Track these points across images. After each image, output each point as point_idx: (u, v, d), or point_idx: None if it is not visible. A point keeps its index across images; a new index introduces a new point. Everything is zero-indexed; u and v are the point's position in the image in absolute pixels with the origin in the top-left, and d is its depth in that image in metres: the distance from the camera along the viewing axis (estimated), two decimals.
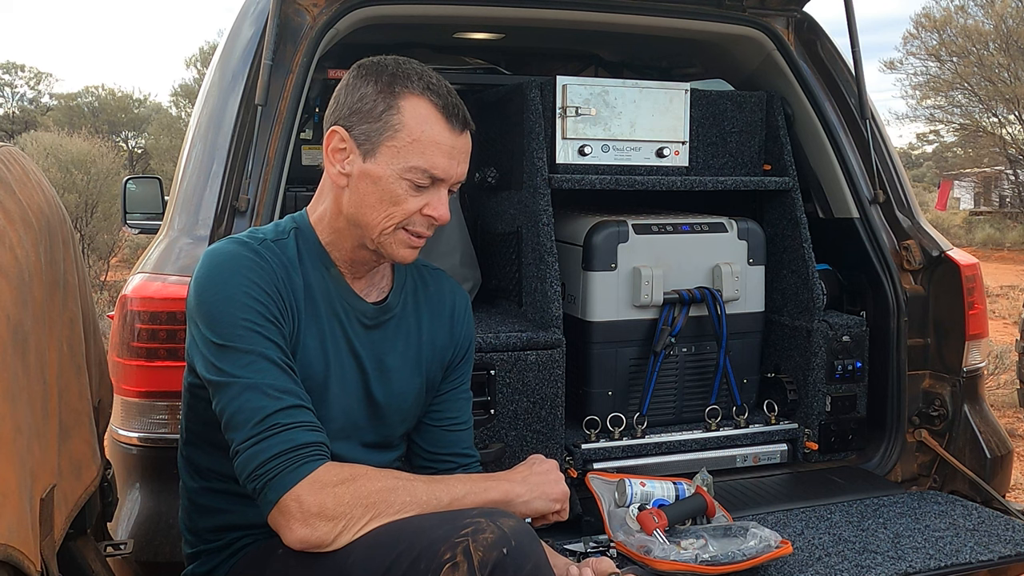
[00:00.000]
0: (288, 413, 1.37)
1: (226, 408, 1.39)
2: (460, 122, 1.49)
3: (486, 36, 3.21)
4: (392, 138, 1.46)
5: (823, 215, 2.86)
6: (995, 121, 20.96)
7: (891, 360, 2.65)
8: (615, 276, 2.57)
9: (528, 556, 1.27)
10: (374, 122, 1.47)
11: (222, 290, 1.42)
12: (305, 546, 1.34)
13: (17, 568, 1.02)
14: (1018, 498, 4.02)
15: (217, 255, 1.47)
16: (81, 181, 10.95)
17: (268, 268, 1.46)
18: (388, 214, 1.48)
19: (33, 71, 32.25)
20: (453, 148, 1.48)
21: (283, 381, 1.40)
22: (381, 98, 1.47)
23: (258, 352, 1.39)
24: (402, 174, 1.46)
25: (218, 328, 1.41)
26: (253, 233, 1.54)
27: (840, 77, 2.76)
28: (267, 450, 1.35)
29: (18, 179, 1.25)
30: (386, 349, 1.60)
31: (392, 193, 1.47)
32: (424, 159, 1.46)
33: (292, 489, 1.33)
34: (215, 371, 1.40)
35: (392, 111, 1.47)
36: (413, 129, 1.46)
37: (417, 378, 1.64)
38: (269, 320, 1.42)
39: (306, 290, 1.52)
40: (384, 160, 1.47)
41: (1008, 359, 6.37)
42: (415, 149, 1.46)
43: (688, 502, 2.14)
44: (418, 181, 1.47)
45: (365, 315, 1.57)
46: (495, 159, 2.84)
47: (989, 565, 2.04)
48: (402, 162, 1.46)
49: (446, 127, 1.47)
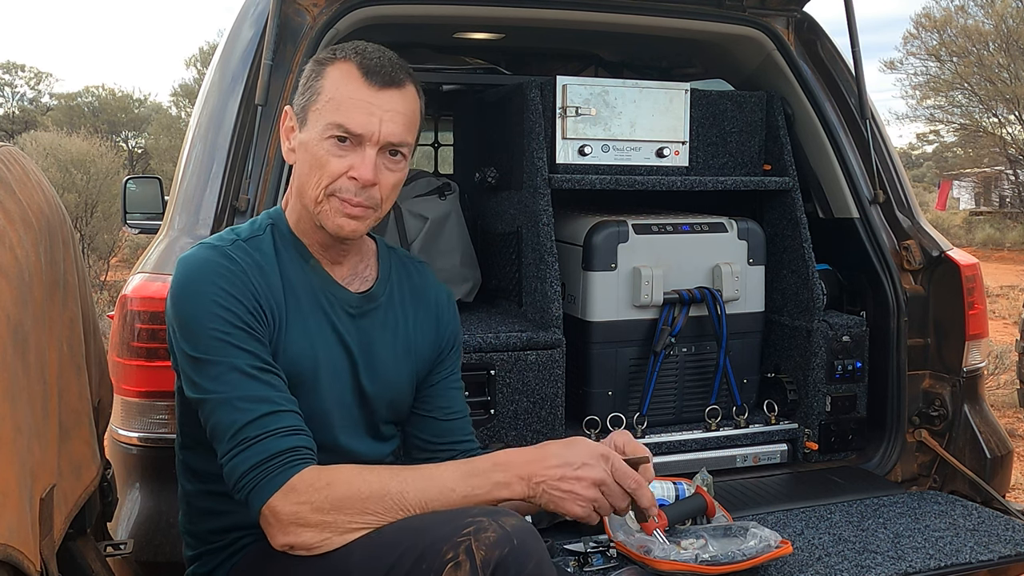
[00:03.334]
0: (259, 423, 1.37)
1: (207, 423, 1.41)
2: (381, 78, 1.48)
3: (486, 36, 3.21)
4: (315, 102, 1.49)
5: (823, 215, 2.86)
6: (995, 121, 20.97)
7: (891, 360, 2.65)
8: (615, 276, 2.57)
9: (530, 555, 1.27)
10: (305, 92, 1.51)
11: (192, 299, 1.43)
12: (292, 551, 1.36)
13: (17, 568, 1.03)
14: (1018, 498, 4.02)
15: (188, 263, 1.47)
16: (81, 181, 10.95)
17: (239, 271, 1.46)
18: (317, 180, 1.48)
19: (33, 71, 32.29)
20: (371, 104, 1.47)
21: (254, 389, 1.39)
22: (312, 69, 1.52)
23: (228, 364, 1.40)
24: (323, 134, 1.47)
25: (191, 339, 1.42)
26: (228, 233, 1.54)
27: (840, 77, 2.76)
28: (242, 464, 1.36)
29: (18, 179, 1.25)
30: (374, 338, 1.59)
31: (317, 157, 1.48)
32: (338, 115, 1.46)
33: (267, 501, 1.34)
34: (192, 386, 1.42)
35: (317, 77, 1.50)
36: (329, 89, 1.48)
37: (405, 367, 1.63)
38: (239, 327, 1.42)
39: (286, 286, 1.51)
40: (311, 125, 1.49)
41: (1008, 359, 6.37)
42: (331, 107, 1.47)
43: (688, 502, 2.14)
44: (338, 138, 1.46)
45: (350, 304, 1.57)
46: (495, 159, 2.84)
47: (989, 565, 2.04)
48: (321, 122, 1.47)
49: (363, 83, 1.47)
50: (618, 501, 1.37)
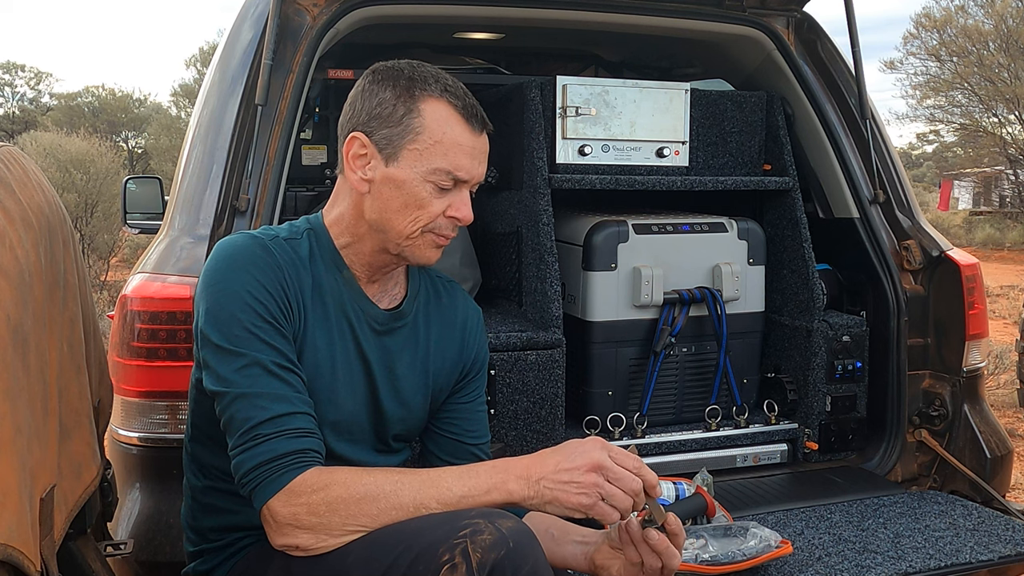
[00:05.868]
0: (274, 422, 1.37)
1: (222, 415, 1.41)
2: (479, 123, 1.50)
3: (486, 36, 3.21)
4: (414, 141, 1.47)
5: (823, 215, 2.86)
6: (995, 121, 20.96)
7: (891, 360, 2.65)
8: (615, 276, 2.57)
9: (527, 557, 1.27)
10: (395, 126, 1.47)
11: (226, 285, 1.43)
12: (288, 551, 1.36)
13: (17, 568, 1.03)
14: (1018, 498, 4.02)
15: (227, 248, 1.47)
16: (81, 181, 10.94)
17: (275, 264, 1.46)
18: (414, 218, 1.48)
19: (33, 71, 32.34)
20: (474, 148, 1.49)
21: (275, 387, 1.39)
22: (400, 102, 1.48)
23: (252, 358, 1.39)
24: (426, 176, 1.47)
25: (218, 326, 1.41)
26: (266, 230, 1.55)
27: (840, 77, 2.76)
28: (250, 460, 1.36)
29: (18, 179, 1.25)
30: (395, 357, 1.59)
31: (416, 196, 1.48)
32: (447, 160, 1.47)
33: (268, 501, 1.35)
34: (213, 377, 1.41)
35: (413, 114, 1.47)
36: (435, 131, 1.47)
37: (424, 388, 1.63)
38: (268, 322, 1.42)
39: (315, 289, 1.51)
40: (407, 164, 1.47)
41: (1008, 359, 6.37)
42: (438, 151, 1.47)
43: (688, 502, 2.14)
44: (442, 183, 1.47)
45: (377, 320, 1.57)
46: (495, 159, 2.80)
47: (989, 565, 2.04)
48: (425, 164, 1.47)
49: (467, 128, 1.48)
50: (626, 482, 1.34)
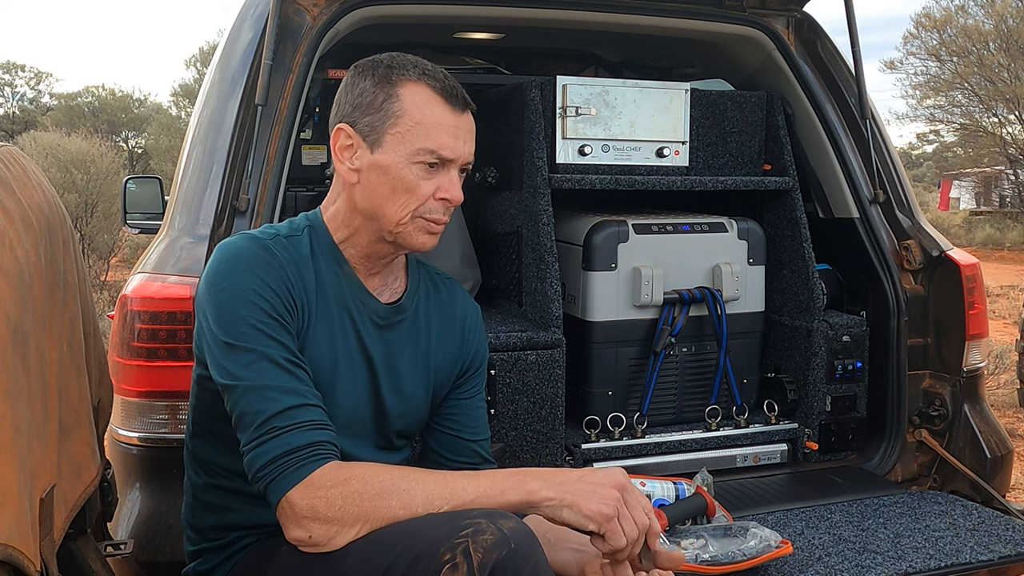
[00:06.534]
0: (287, 415, 1.38)
1: (233, 410, 1.41)
2: (460, 102, 1.51)
3: (486, 36, 3.21)
4: (395, 125, 1.48)
5: (823, 215, 2.86)
6: (995, 121, 20.95)
7: (891, 360, 2.65)
8: (615, 276, 2.57)
9: (528, 558, 1.27)
10: (376, 112, 1.49)
11: (230, 285, 1.44)
12: (302, 546, 1.35)
13: (17, 568, 1.02)
14: (1018, 498, 4.02)
15: (228, 249, 1.48)
16: (81, 181, 10.94)
17: (278, 264, 1.47)
18: (403, 203, 1.49)
19: (33, 71, 32.32)
20: (456, 127, 1.50)
21: (285, 381, 1.40)
22: (380, 88, 1.50)
23: (260, 352, 1.40)
24: (411, 159, 1.48)
25: (224, 324, 1.42)
26: (267, 229, 1.56)
27: (840, 77, 2.76)
28: (266, 454, 1.36)
29: (18, 179, 1.25)
30: (397, 351, 1.60)
31: (404, 180, 1.49)
32: (430, 140, 1.48)
33: (287, 493, 1.34)
34: (222, 372, 1.42)
35: (392, 99, 1.49)
36: (414, 113, 1.48)
37: (425, 383, 1.63)
38: (274, 318, 1.43)
39: (318, 286, 1.52)
40: (391, 148, 1.49)
41: (1008, 359, 6.37)
42: (419, 132, 1.48)
43: (688, 502, 2.14)
44: (428, 162, 1.49)
45: (378, 314, 1.57)
46: (495, 159, 2.84)
47: (989, 565, 2.04)
48: (408, 146, 1.48)
49: (447, 107, 1.50)
50: (640, 512, 1.35)
